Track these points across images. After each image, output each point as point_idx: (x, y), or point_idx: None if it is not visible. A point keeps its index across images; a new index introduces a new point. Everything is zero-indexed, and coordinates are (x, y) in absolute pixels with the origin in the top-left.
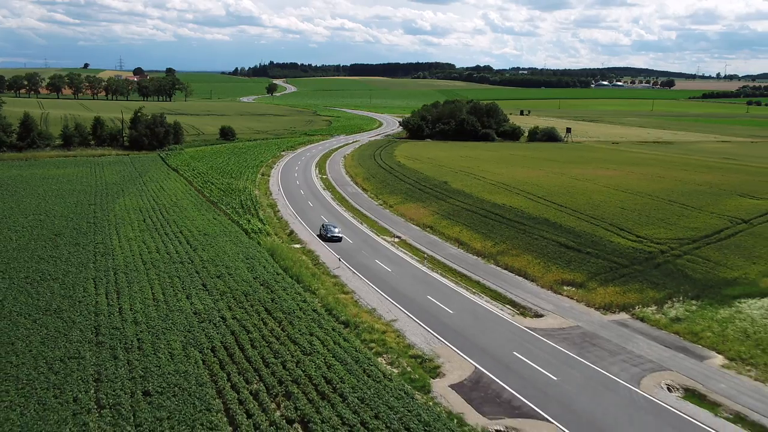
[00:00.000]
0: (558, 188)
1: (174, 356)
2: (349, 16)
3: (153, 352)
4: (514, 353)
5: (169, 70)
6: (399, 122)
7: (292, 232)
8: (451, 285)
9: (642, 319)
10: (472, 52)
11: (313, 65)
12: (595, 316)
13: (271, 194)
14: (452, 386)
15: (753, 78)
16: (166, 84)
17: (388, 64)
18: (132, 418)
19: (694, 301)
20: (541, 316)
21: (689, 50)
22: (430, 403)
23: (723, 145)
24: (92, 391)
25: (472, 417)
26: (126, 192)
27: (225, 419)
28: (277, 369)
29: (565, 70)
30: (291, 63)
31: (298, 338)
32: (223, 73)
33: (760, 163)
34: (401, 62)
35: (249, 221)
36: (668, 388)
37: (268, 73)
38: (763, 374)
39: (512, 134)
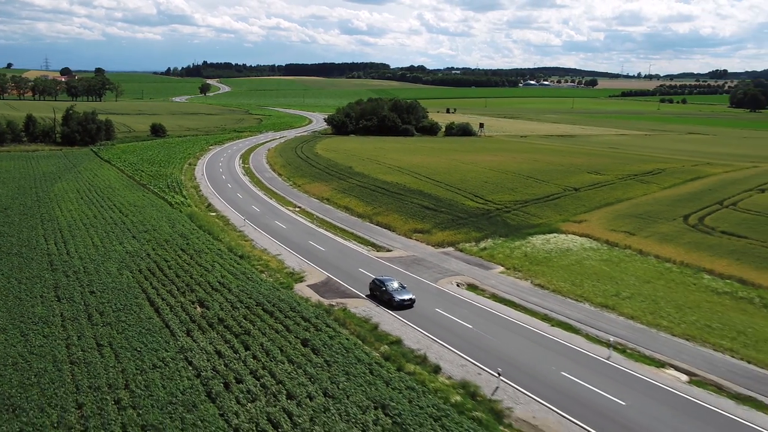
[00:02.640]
0: (442, 169)
1: (111, 274)
2: (285, 16)
3: (95, 273)
4: (359, 269)
5: (99, 70)
6: (324, 119)
7: (209, 204)
8: (330, 235)
9: (461, 250)
10: (408, 52)
11: (248, 65)
12: (429, 249)
13: (195, 179)
14: (309, 285)
15: (671, 78)
16: (96, 84)
17: (324, 64)
18: (82, 305)
19: (502, 238)
20: (390, 250)
21: (616, 50)
22: (290, 292)
23: (619, 137)
24: (53, 293)
25: (316, 298)
26: (63, 178)
27: (148, 304)
28: (185, 279)
29: (497, 70)
30: (225, 63)
31: (204, 263)
32: (155, 73)
33: (632, 151)
34: (337, 62)
35: (173, 197)
36: (457, 284)
37: (201, 73)
38: (523, 275)
39: (430, 129)
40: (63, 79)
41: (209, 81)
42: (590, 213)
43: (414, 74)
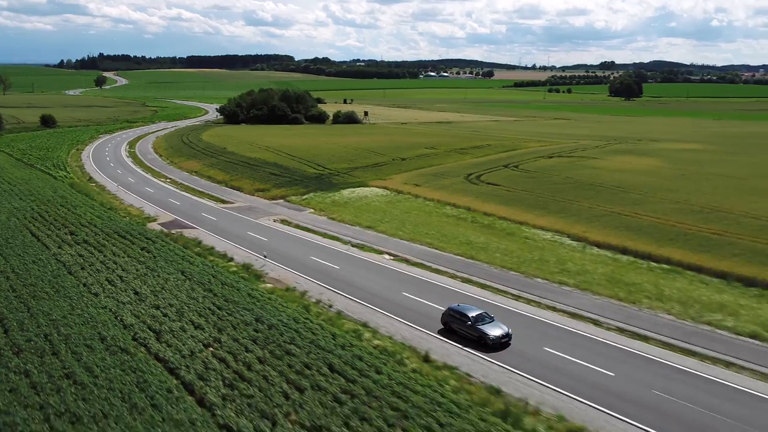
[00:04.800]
0: (304, 148)
1: (1, 221)
2: (186, 6)
3: None
4: (202, 213)
5: None
6: (216, 109)
7: (91, 178)
8: (188, 195)
9: (288, 201)
10: (315, 44)
11: (147, 57)
12: (264, 201)
13: (81, 160)
14: (159, 223)
15: (563, 69)
16: None
17: (227, 56)
18: None
19: (321, 192)
20: (232, 203)
21: (518, 43)
22: (143, 227)
23: (490, 123)
24: None
25: (161, 229)
26: None
27: (34, 239)
28: (61, 221)
29: (402, 62)
30: (123, 55)
31: (77, 212)
32: (47, 65)
33: (486, 132)
34: (241, 54)
35: (58, 173)
36: (273, 220)
37: (98, 65)
38: (323, 213)
39: (319, 118)
40: None
41: (106, 74)
42: (400, 174)
43: (318, 66)
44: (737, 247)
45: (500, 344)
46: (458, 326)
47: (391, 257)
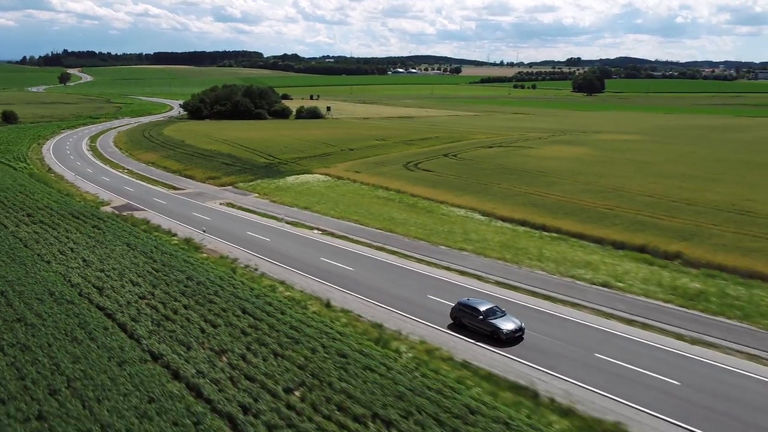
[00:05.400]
0: (260, 140)
1: None
2: (153, 2)
3: None
4: (153, 198)
5: None
6: (180, 105)
7: (50, 169)
8: (143, 183)
9: (236, 187)
10: (285, 40)
11: (113, 54)
12: (213, 188)
13: (41, 153)
14: (112, 207)
15: (530, 65)
16: None
17: (195, 52)
18: None
19: (268, 179)
20: (183, 189)
21: (487, 39)
22: (96, 210)
23: (449, 117)
24: None
25: (113, 211)
26: None
27: None
28: (19, 205)
29: (372, 58)
30: (88, 51)
31: (35, 197)
32: (9, 62)
33: (442, 126)
34: (208, 51)
35: (18, 164)
36: (219, 203)
37: (62, 62)
38: (266, 197)
39: (282, 113)
40: None
41: (70, 71)
42: (344, 163)
43: (286, 62)
44: (621, 219)
45: (513, 338)
46: (469, 321)
47: (320, 232)
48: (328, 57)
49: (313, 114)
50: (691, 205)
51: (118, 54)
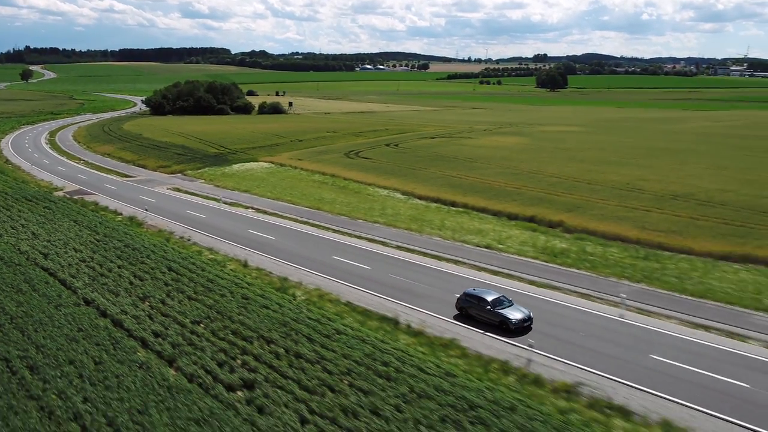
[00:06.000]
0: (216, 133)
1: None
2: None
3: None
4: (105, 184)
5: None
6: (142, 101)
7: (7, 160)
8: (96, 172)
9: (185, 174)
10: (255, 36)
11: (77, 50)
12: (163, 175)
13: None
14: (65, 192)
15: (498, 62)
16: None
17: (161, 49)
18: None
19: (216, 167)
20: (135, 177)
21: (457, 36)
22: (49, 194)
23: (409, 112)
24: None
25: (65, 195)
26: None
27: None
28: None
29: (341, 54)
30: (52, 48)
31: None
32: None
33: (399, 120)
34: (175, 47)
35: None
36: (166, 188)
37: (24, 59)
38: (212, 183)
39: (245, 109)
40: None
41: (33, 67)
42: (290, 152)
43: (254, 59)
44: (523, 196)
45: (522, 328)
46: (477, 311)
47: (254, 210)
48: (296, 53)
49: (275, 109)
50: (591, 184)
51: (83, 51)
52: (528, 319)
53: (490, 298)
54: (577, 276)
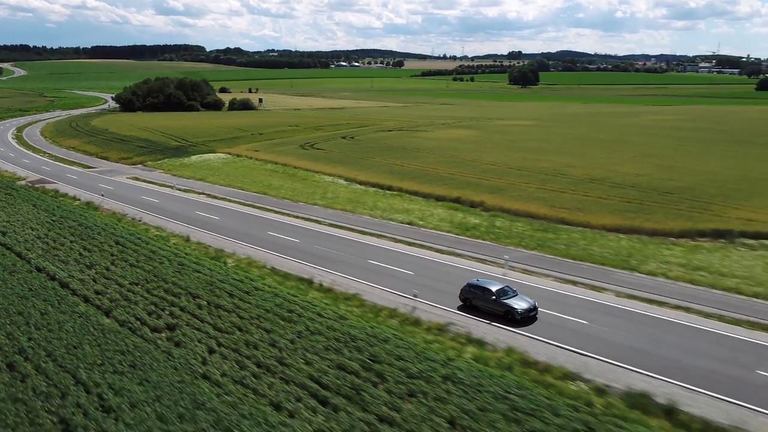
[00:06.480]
0: (179, 127)
1: None
2: None
3: None
4: (67, 174)
5: None
6: (112, 97)
7: None
8: (60, 164)
9: (145, 165)
10: (230, 33)
11: (49, 48)
12: (125, 166)
13: None
14: (27, 181)
15: (473, 59)
16: None
17: (135, 46)
18: None
19: (175, 158)
20: (97, 168)
21: (434, 33)
22: (12, 183)
23: (378, 108)
24: None
25: (27, 184)
26: None
27: None
28: None
29: (317, 52)
30: (22, 45)
31: None
32: None
33: (363, 115)
34: (149, 44)
35: None
36: (126, 177)
37: None
38: (169, 172)
39: (215, 105)
40: None
41: (2, 65)
42: (248, 144)
43: (229, 56)
44: (455, 181)
45: (528, 318)
46: (482, 302)
47: (206, 196)
48: (272, 51)
49: (245, 106)
50: (521, 170)
51: (54, 48)
52: (533, 309)
53: (494, 289)
54: (480, 245)
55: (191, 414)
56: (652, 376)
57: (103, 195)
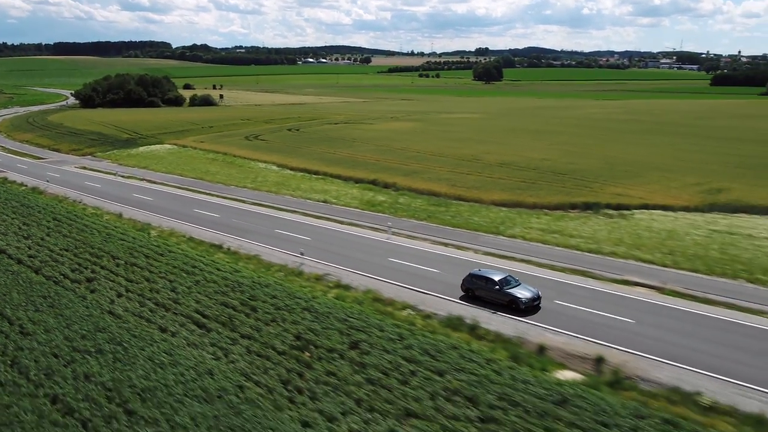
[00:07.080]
0: (133, 122)
1: None
2: None
3: None
4: (17, 164)
5: None
6: (71, 94)
7: None
8: (12, 156)
9: (94, 156)
10: (197, 30)
11: (9, 44)
12: (74, 157)
13: None
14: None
15: (441, 55)
16: None
17: (99, 42)
18: None
19: (124, 149)
20: (47, 158)
21: (403, 29)
22: None
23: (337, 104)
24: None
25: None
26: None
27: None
28: None
29: (286, 48)
30: None
31: None
32: None
33: (322, 110)
34: (114, 41)
35: None
36: (74, 167)
37: None
38: (116, 162)
39: (176, 101)
40: None
41: None
42: (195, 136)
43: (195, 53)
44: (376, 166)
45: (532, 307)
46: (485, 292)
47: (147, 181)
48: (240, 47)
49: (206, 101)
50: (441, 157)
51: (15, 44)
52: (537, 298)
53: (497, 278)
54: (379, 217)
55: (92, 335)
56: (468, 306)
57: (48, 181)
